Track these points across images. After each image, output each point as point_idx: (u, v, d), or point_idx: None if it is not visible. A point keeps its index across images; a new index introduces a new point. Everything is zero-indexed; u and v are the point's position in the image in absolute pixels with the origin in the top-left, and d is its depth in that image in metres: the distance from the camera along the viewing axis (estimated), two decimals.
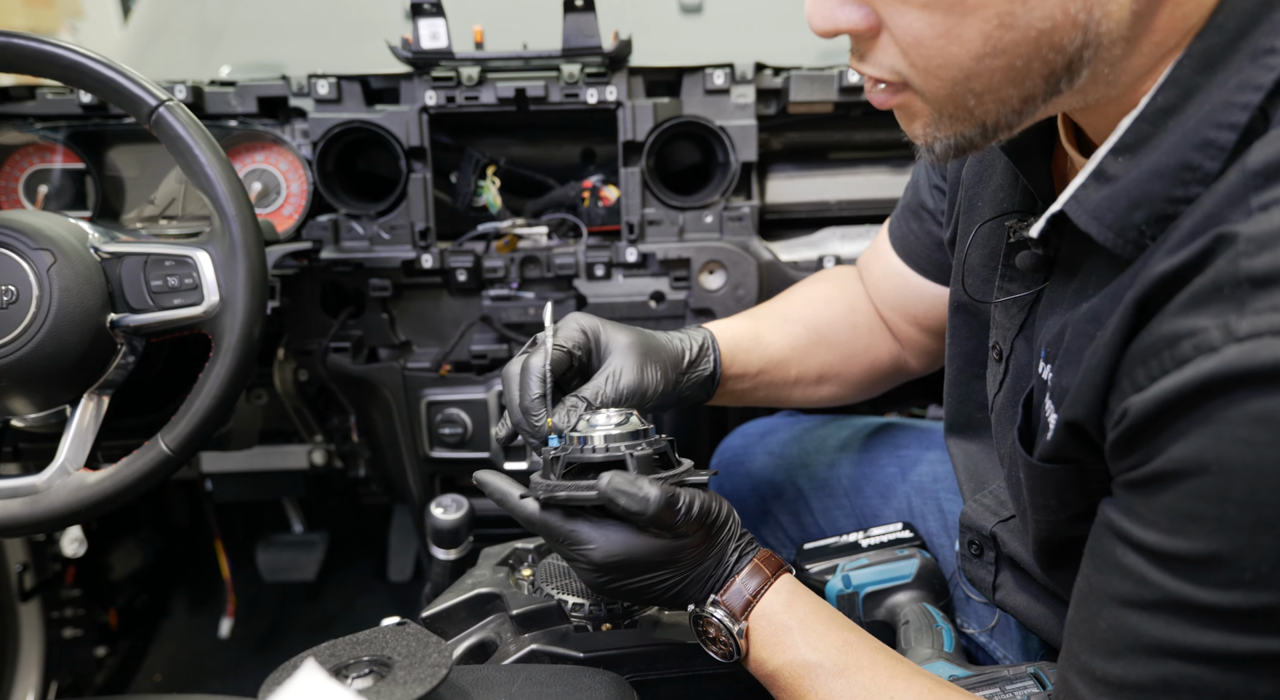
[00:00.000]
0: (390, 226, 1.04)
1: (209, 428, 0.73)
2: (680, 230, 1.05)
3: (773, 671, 0.57)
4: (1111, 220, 0.43)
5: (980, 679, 0.63)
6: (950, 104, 0.44)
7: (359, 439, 1.24)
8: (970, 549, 0.70)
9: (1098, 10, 0.39)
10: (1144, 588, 0.39)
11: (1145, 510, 0.39)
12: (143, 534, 1.49)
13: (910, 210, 0.80)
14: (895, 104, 0.47)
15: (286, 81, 1.04)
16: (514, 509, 0.60)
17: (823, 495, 0.94)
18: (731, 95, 1.03)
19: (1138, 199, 0.42)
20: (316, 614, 1.62)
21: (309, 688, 0.41)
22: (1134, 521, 0.40)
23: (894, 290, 0.83)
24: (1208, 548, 0.36)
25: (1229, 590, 0.36)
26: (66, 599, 1.28)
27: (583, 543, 0.57)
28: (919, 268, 0.80)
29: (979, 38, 0.40)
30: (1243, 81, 0.39)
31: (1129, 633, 0.40)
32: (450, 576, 0.91)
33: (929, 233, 0.78)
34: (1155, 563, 0.39)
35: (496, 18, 1.18)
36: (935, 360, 0.87)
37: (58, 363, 0.72)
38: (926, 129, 0.46)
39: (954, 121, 0.45)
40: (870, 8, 0.43)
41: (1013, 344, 0.59)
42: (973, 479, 0.72)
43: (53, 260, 0.71)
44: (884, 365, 0.87)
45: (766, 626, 0.57)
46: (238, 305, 0.73)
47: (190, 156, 0.73)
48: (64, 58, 0.72)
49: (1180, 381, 0.36)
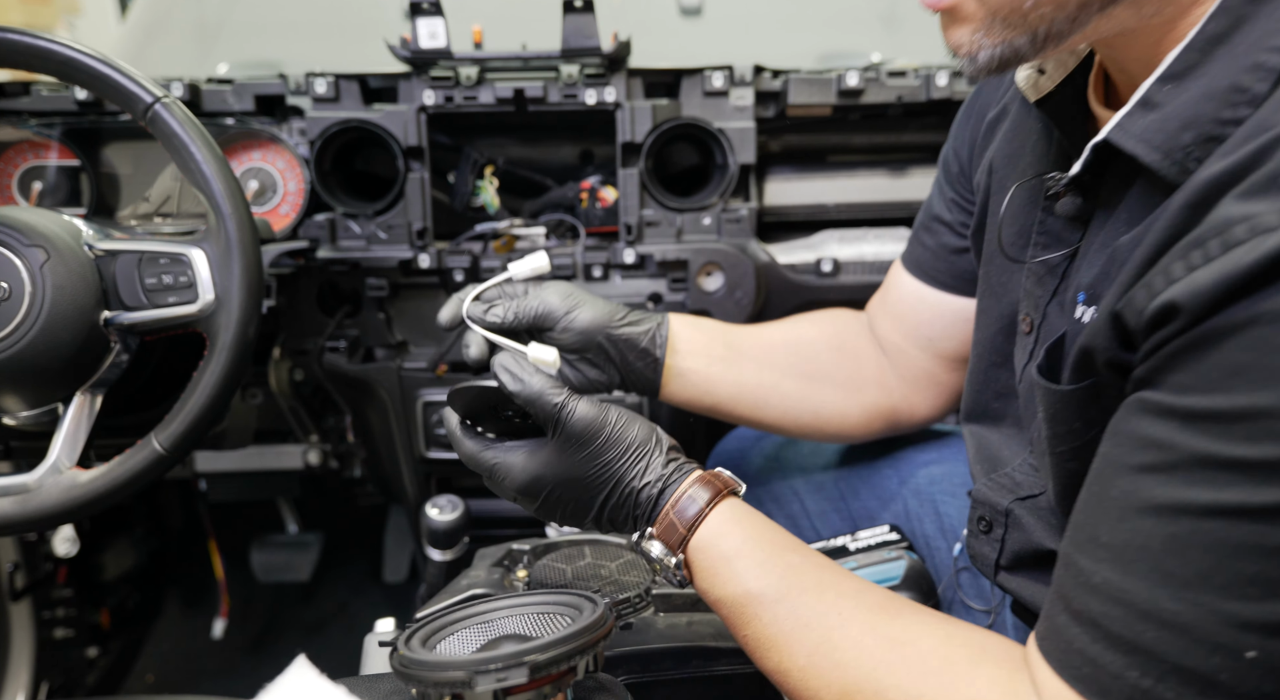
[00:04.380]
0: (387, 226, 1.04)
1: (203, 427, 0.72)
2: (678, 232, 1.05)
3: (716, 601, 0.56)
4: (1160, 141, 0.43)
5: None
6: (1006, 5, 0.44)
7: (354, 439, 1.23)
8: (979, 525, 0.69)
9: None
10: (1167, 452, 0.39)
11: (1182, 377, 0.39)
12: (136, 533, 1.48)
13: (923, 228, 0.80)
14: (948, 5, 0.46)
15: (284, 80, 1.04)
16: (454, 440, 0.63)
17: (819, 498, 0.94)
18: (730, 97, 1.03)
19: (1187, 120, 0.43)
20: (311, 615, 1.62)
21: (300, 686, 0.41)
22: (1165, 390, 0.40)
23: (910, 312, 0.82)
24: (1248, 400, 0.36)
25: (1260, 443, 0.36)
26: (58, 599, 1.27)
27: (499, 467, 0.60)
28: (937, 281, 0.79)
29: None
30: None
31: (1143, 496, 0.40)
32: (445, 577, 0.91)
33: (944, 244, 0.78)
34: (1185, 424, 0.39)
35: (495, 18, 1.18)
36: (944, 396, 0.85)
37: (50, 360, 0.71)
38: (975, 35, 0.46)
39: (1006, 26, 0.45)
40: None
41: (1045, 310, 0.58)
42: (986, 462, 0.70)
43: (46, 257, 0.71)
44: (872, 398, 0.85)
45: (704, 559, 0.55)
46: (233, 304, 0.72)
47: (186, 154, 0.72)
48: (59, 53, 0.72)
49: (1232, 262, 0.36)
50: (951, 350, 0.81)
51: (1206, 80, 0.42)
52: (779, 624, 0.52)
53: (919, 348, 0.83)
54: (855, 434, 0.87)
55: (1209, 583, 0.38)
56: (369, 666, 0.73)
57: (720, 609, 0.56)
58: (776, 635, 0.52)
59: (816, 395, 0.83)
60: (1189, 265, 0.38)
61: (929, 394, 0.85)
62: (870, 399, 0.85)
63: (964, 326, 0.77)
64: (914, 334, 0.83)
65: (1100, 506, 0.43)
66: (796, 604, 0.52)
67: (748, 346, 0.82)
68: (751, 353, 0.82)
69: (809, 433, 0.86)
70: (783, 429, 0.85)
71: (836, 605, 0.52)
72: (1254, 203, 0.37)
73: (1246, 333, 0.37)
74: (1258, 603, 0.37)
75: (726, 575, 0.55)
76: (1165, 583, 0.39)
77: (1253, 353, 0.36)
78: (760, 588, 0.53)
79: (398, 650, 0.49)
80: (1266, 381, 0.36)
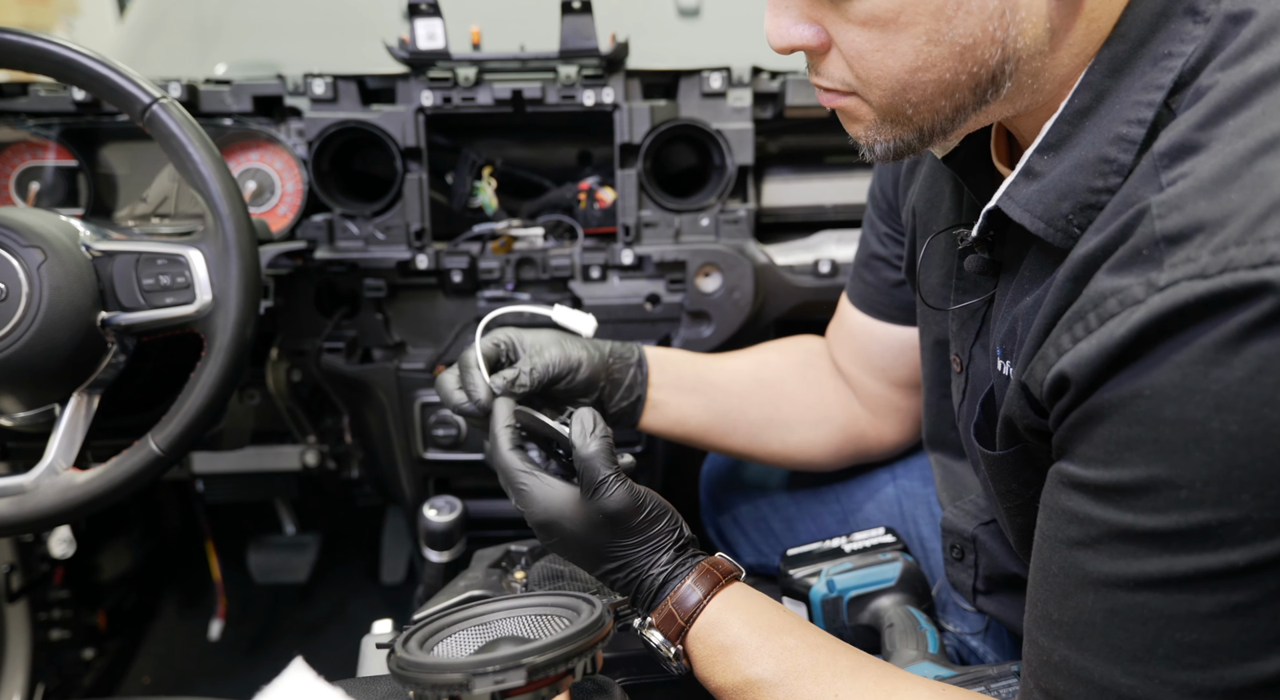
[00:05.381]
0: (385, 227, 1.04)
1: (200, 428, 0.72)
2: (676, 233, 1.05)
3: (717, 689, 0.57)
4: (1042, 211, 0.47)
5: (965, 678, 0.63)
6: (891, 111, 0.48)
7: (352, 440, 1.23)
8: (952, 553, 0.72)
9: (1014, 29, 0.43)
10: (1089, 526, 0.41)
11: (1085, 448, 0.41)
12: (133, 535, 1.47)
13: (862, 265, 0.83)
14: (840, 106, 0.51)
15: (282, 81, 1.04)
16: (497, 443, 0.64)
17: (814, 501, 0.94)
18: (728, 98, 1.03)
19: (1063, 190, 0.46)
20: (308, 616, 1.61)
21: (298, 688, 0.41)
22: (1075, 462, 0.42)
23: (861, 347, 0.84)
24: (1146, 472, 0.38)
25: (1167, 513, 0.38)
26: (54, 600, 1.27)
27: (528, 493, 0.60)
28: (882, 314, 0.82)
29: (911, 52, 0.45)
30: (1146, 82, 0.44)
31: (1077, 571, 0.42)
32: (443, 579, 0.91)
33: (884, 279, 0.80)
34: (1097, 498, 0.41)
35: (494, 19, 1.17)
36: (908, 422, 0.87)
37: (47, 361, 0.71)
38: (868, 132, 0.51)
39: (894, 126, 0.49)
40: (820, 26, 0.47)
41: (970, 352, 0.60)
42: (951, 489, 0.73)
43: (43, 257, 0.71)
44: (839, 426, 0.86)
45: (703, 648, 0.57)
46: (230, 305, 0.72)
47: (184, 155, 0.72)
48: (57, 54, 0.72)
49: (1108, 335, 0.39)
50: (905, 378, 0.83)
51: (1078, 151, 0.46)
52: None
53: (873, 377, 0.85)
54: (823, 462, 0.88)
55: (1154, 655, 0.39)
56: (366, 668, 0.73)
57: (721, 696, 0.57)
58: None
59: (782, 423, 0.85)
60: (1073, 337, 0.41)
61: (893, 421, 0.87)
62: (837, 427, 0.86)
63: (914, 355, 0.79)
64: (868, 364, 0.84)
65: (1046, 584, 0.44)
66: (795, 689, 0.54)
67: (714, 376, 0.84)
68: (718, 382, 0.84)
69: (778, 461, 0.87)
70: (753, 457, 0.87)
71: (833, 686, 0.53)
72: (1122, 276, 0.39)
73: (1131, 407, 0.38)
74: (1202, 670, 0.38)
75: (724, 664, 0.56)
76: (1116, 658, 0.41)
77: (1140, 427, 0.38)
78: (758, 674, 0.55)
79: (395, 652, 0.49)
80: (1159, 454, 0.38)
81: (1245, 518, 0.36)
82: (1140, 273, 0.38)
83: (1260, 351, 0.35)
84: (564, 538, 0.60)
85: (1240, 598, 0.37)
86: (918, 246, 0.67)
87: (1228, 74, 0.41)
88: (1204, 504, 0.37)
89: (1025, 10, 0.43)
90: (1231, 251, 0.35)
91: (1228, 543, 0.37)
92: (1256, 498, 0.36)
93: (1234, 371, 0.35)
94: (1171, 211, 0.38)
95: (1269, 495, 0.36)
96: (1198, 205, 0.37)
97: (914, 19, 0.43)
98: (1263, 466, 0.36)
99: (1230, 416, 0.36)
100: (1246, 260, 0.35)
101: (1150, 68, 0.44)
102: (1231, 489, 0.36)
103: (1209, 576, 0.38)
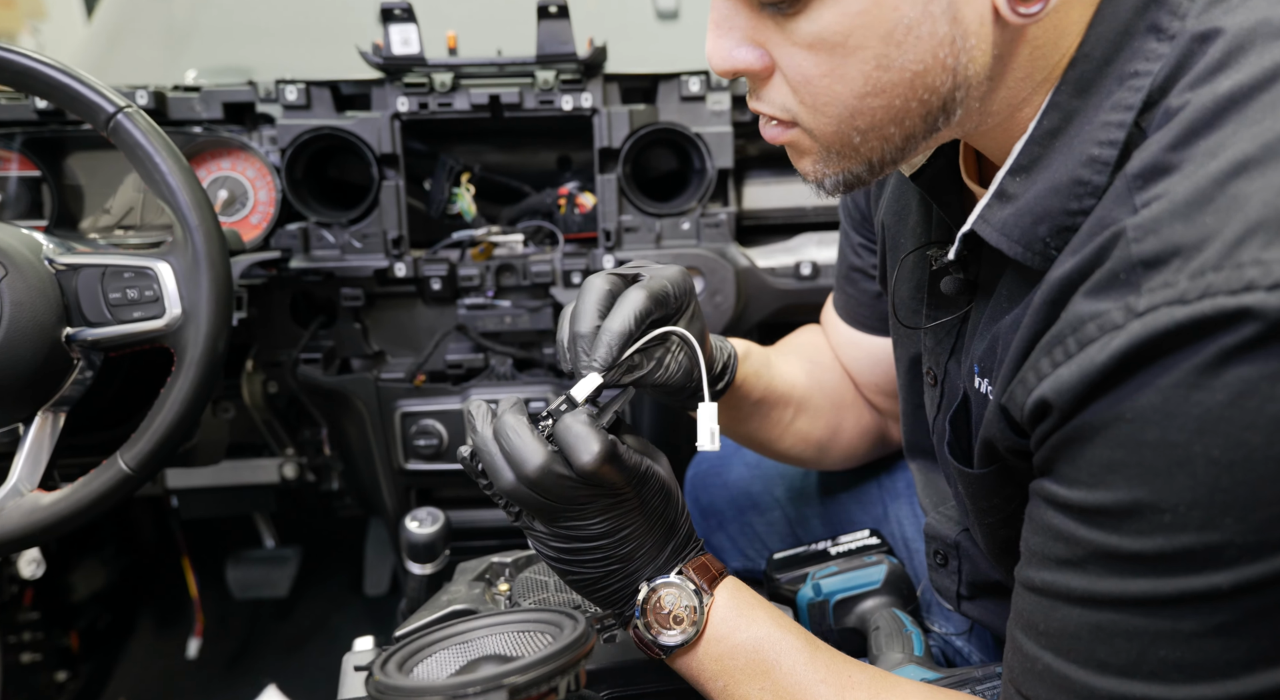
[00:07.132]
0: (362, 235, 1.02)
1: (171, 445, 0.70)
2: (657, 237, 1.05)
3: (736, 646, 0.54)
4: (1019, 235, 0.46)
5: (951, 680, 0.63)
6: (837, 141, 0.47)
7: (331, 452, 1.21)
8: (935, 559, 0.72)
9: (964, 56, 0.43)
10: (1074, 546, 0.41)
11: (1068, 470, 0.41)
12: (106, 552, 1.44)
13: (844, 278, 0.82)
14: (786, 140, 0.49)
15: (253, 87, 1.02)
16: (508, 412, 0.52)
17: (800, 505, 0.94)
18: (707, 102, 1.03)
19: (1039, 214, 0.45)
20: (289, 631, 1.58)
21: None
22: (1059, 483, 0.42)
23: (854, 360, 0.84)
24: (1129, 496, 0.38)
25: (1151, 536, 0.38)
26: (24, 622, 1.24)
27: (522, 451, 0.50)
28: (867, 327, 0.81)
29: (860, 77, 0.43)
30: (1115, 102, 0.43)
31: (1063, 588, 0.42)
32: (427, 591, 0.89)
33: (865, 291, 0.80)
34: (1081, 520, 0.41)
35: (470, 23, 1.16)
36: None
37: (9, 379, 0.69)
38: (815, 165, 0.49)
39: (841, 158, 0.48)
40: (764, 49, 0.46)
41: (945, 367, 0.60)
42: (932, 495, 0.73)
43: (4, 272, 0.69)
44: (866, 424, 0.85)
45: (732, 600, 0.56)
46: (201, 318, 0.70)
47: (150, 165, 0.70)
48: (16, 63, 0.70)
49: (1088, 360, 0.39)
50: (892, 387, 0.82)
51: (1050, 173, 0.45)
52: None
53: (873, 391, 0.85)
54: (855, 455, 0.86)
55: (1137, 670, 0.40)
56: (347, 689, 0.71)
57: (735, 657, 0.55)
58: None
59: (847, 406, 0.83)
60: (1053, 362, 0.40)
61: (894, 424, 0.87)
62: (859, 415, 0.85)
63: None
64: (863, 378, 0.84)
65: (1033, 594, 0.44)
66: (814, 657, 0.53)
67: (781, 363, 0.80)
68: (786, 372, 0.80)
69: (808, 461, 0.85)
70: (788, 458, 0.84)
71: (846, 669, 0.53)
72: (1100, 301, 0.39)
73: (1113, 430, 0.38)
74: (1185, 686, 0.39)
75: (753, 619, 0.55)
76: (1100, 671, 0.41)
77: (1122, 450, 0.38)
78: (790, 640, 0.54)
79: (373, 676, 0.48)
80: (1142, 478, 0.38)
81: (1228, 541, 0.36)
82: (1118, 297, 0.38)
83: (1241, 376, 0.35)
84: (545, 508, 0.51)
85: (1224, 618, 0.38)
86: (889, 260, 0.67)
87: (1198, 93, 0.40)
88: (1187, 528, 0.37)
89: (975, 38, 0.42)
90: (1209, 276, 0.35)
91: (1211, 565, 0.37)
92: (1239, 521, 0.36)
93: (1215, 395, 0.35)
94: (1147, 235, 0.38)
95: (1251, 519, 0.36)
96: (1173, 229, 0.37)
97: (863, 43, 0.42)
98: (1245, 490, 0.36)
99: (1212, 440, 0.36)
100: (1225, 286, 0.35)
101: (1117, 87, 0.43)
102: (1215, 513, 0.36)
103: (1193, 598, 0.38)
